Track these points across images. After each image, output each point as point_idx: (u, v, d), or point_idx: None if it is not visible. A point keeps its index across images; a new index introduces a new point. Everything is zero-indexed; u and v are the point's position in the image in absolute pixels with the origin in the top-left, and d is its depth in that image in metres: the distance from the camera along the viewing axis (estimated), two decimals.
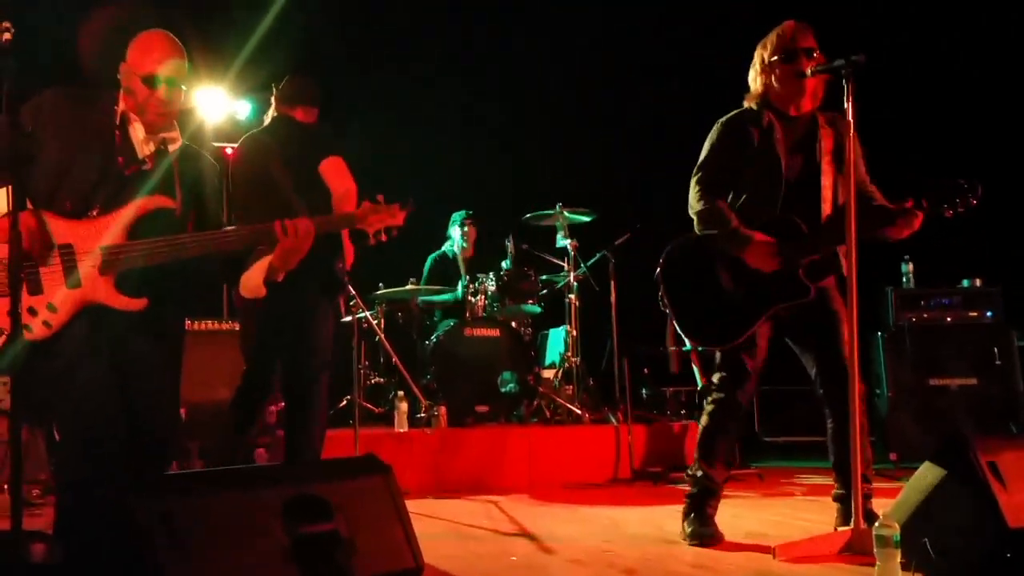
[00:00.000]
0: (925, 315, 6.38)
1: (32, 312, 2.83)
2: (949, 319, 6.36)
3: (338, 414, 5.90)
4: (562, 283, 6.83)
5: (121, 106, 3.04)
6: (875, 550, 2.89)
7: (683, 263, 3.85)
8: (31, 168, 2.81)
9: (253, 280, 3.09)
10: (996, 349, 6.18)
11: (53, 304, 2.84)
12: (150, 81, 3.00)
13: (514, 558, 3.59)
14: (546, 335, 7.46)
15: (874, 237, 3.63)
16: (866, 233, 3.56)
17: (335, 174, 3.99)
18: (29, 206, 2.84)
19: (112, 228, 2.91)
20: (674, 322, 3.82)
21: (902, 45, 7.22)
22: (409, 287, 6.76)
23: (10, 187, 2.66)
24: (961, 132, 6.99)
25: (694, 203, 3.77)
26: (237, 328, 5.33)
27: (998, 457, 2.94)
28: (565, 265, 6.79)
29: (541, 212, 6.76)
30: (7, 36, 2.51)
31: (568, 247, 6.70)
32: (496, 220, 7.12)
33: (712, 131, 3.83)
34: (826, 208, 3.68)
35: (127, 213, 2.92)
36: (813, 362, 3.72)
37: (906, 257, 6.56)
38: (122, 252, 2.90)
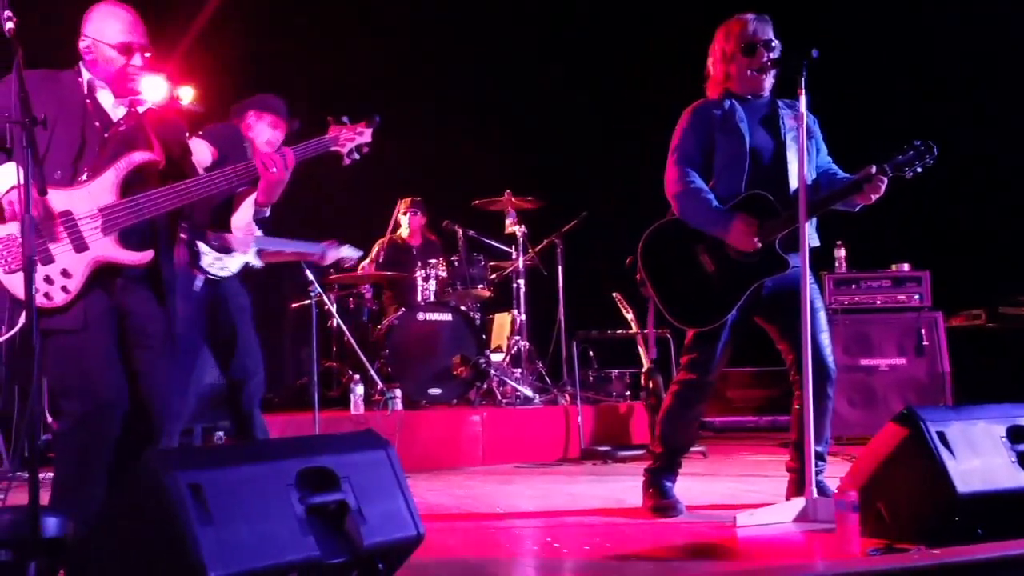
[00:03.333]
0: (857, 298, 6.69)
1: (48, 281, 2.89)
2: (879, 302, 6.67)
3: (293, 397, 5.93)
4: (510, 269, 6.96)
5: (86, 76, 3.14)
6: (835, 515, 3.11)
7: (662, 247, 3.90)
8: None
9: (242, 219, 3.19)
10: (923, 331, 6.51)
11: (67, 270, 2.92)
12: (126, 49, 3.11)
13: (492, 530, 3.73)
14: (491, 319, 7.58)
15: (846, 205, 3.82)
16: (837, 202, 3.78)
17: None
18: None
19: (104, 189, 3.00)
20: (659, 305, 3.86)
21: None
22: (361, 272, 6.81)
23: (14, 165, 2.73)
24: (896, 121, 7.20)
25: (673, 186, 3.86)
26: None
27: (947, 428, 3.17)
28: (513, 251, 6.91)
29: (490, 198, 6.89)
30: (10, 25, 2.58)
31: (517, 233, 6.82)
32: (447, 206, 7.20)
33: (681, 118, 3.95)
34: (793, 182, 3.81)
35: (115, 172, 3.03)
36: (789, 348, 3.81)
37: (838, 243, 6.82)
38: (119, 209, 2.99)
